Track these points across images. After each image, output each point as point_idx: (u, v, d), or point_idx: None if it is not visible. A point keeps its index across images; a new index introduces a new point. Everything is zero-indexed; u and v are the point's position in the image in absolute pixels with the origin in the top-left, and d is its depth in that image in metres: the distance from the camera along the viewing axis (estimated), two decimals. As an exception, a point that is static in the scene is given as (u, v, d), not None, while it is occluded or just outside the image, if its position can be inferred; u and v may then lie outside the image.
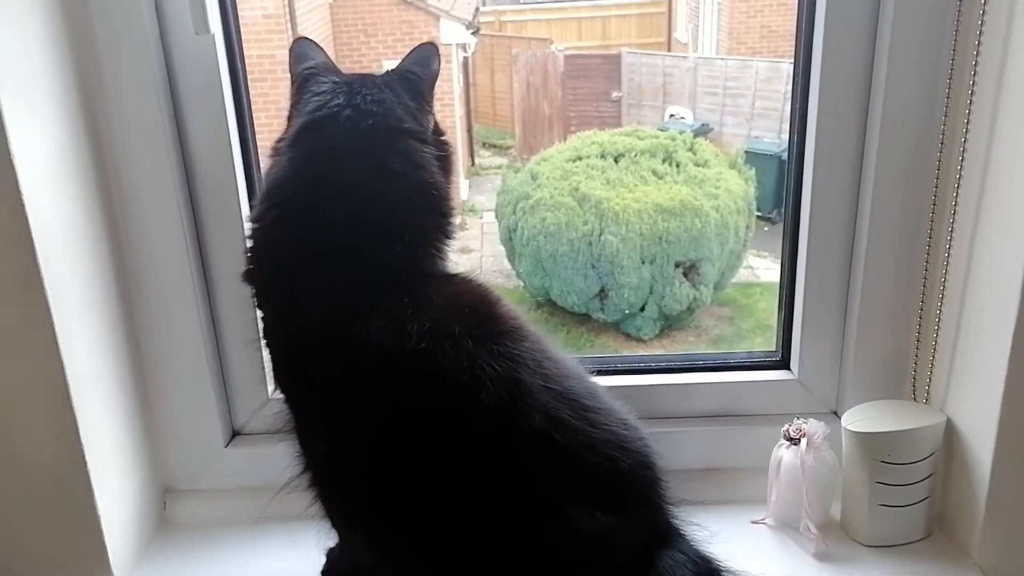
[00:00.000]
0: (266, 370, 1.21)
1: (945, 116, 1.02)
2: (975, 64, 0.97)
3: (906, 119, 1.04)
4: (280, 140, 1.00)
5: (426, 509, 0.91)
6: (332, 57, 1.06)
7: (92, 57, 1.02)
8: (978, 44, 0.96)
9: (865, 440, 1.04)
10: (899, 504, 1.05)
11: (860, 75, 1.06)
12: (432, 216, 0.97)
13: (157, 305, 1.13)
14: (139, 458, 1.14)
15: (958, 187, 1.01)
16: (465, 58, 6.15)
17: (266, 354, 1.14)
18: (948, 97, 1.01)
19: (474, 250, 5.84)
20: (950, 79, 1.00)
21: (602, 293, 4.64)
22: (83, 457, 1.02)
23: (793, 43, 1.13)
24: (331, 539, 1.10)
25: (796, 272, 1.16)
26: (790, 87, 1.15)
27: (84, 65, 1.01)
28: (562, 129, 6.57)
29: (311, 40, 1.04)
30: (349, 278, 0.92)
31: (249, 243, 0.99)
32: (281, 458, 1.13)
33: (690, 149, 5.22)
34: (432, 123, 1.02)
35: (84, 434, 1.01)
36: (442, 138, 1.02)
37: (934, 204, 1.05)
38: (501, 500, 0.90)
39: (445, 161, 1.00)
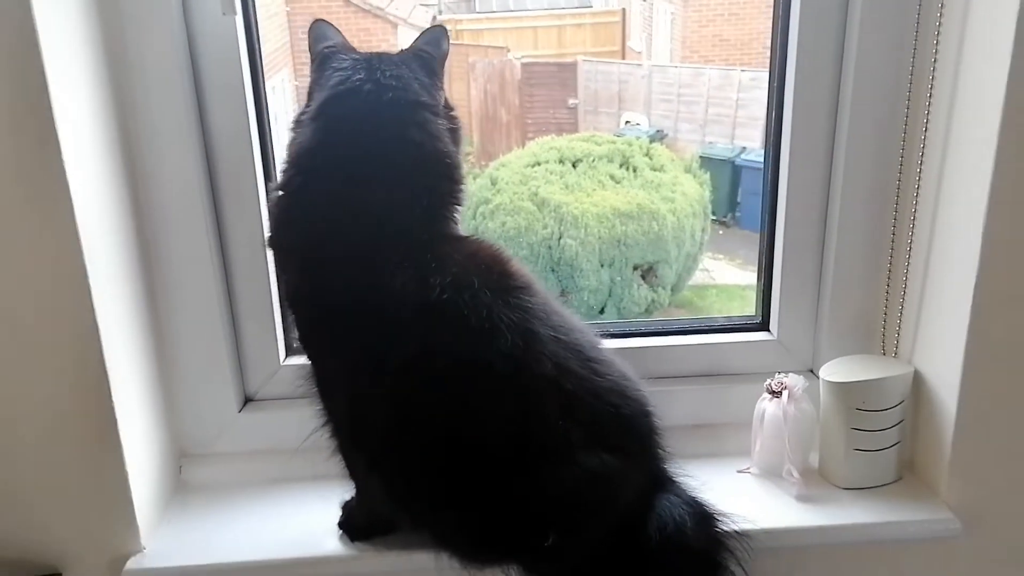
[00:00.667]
0: (278, 338, 1.27)
1: (908, 102, 1.12)
2: (935, 54, 1.08)
3: (873, 105, 1.15)
4: (303, 113, 1.07)
5: (446, 449, 0.99)
6: (290, 65, 1.14)
7: (120, 36, 1.08)
8: (937, 35, 1.07)
9: (841, 389, 1.14)
10: (872, 448, 1.16)
11: (831, 70, 1.16)
12: (446, 182, 1.05)
13: (176, 277, 1.19)
14: (158, 424, 1.20)
15: (921, 163, 1.12)
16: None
17: (279, 321, 1.23)
18: (911, 85, 1.12)
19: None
20: (912, 69, 1.11)
21: (562, 296, 4.74)
22: (115, 420, 1.08)
23: (743, 52, 1.23)
24: (347, 492, 1.17)
25: (774, 242, 1.27)
26: (742, 94, 1.25)
27: (113, 44, 1.07)
28: (520, 136, 6.67)
29: (328, 22, 1.12)
30: (375, 238, 1.00)
31: (273, 210, 1.07)
32: (291, 423, 1.21)
33: (646, 154, 5.35)
34: (443, 98, 1.10)
35: (116, 399, 1.07)
36: (451, 112, 1.10)
37: (899, 180, 1.16)
38: (516, 440, 0.99)
39: (455, 133, 1.09)
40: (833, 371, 1.16)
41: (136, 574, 1.11)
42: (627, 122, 6.82)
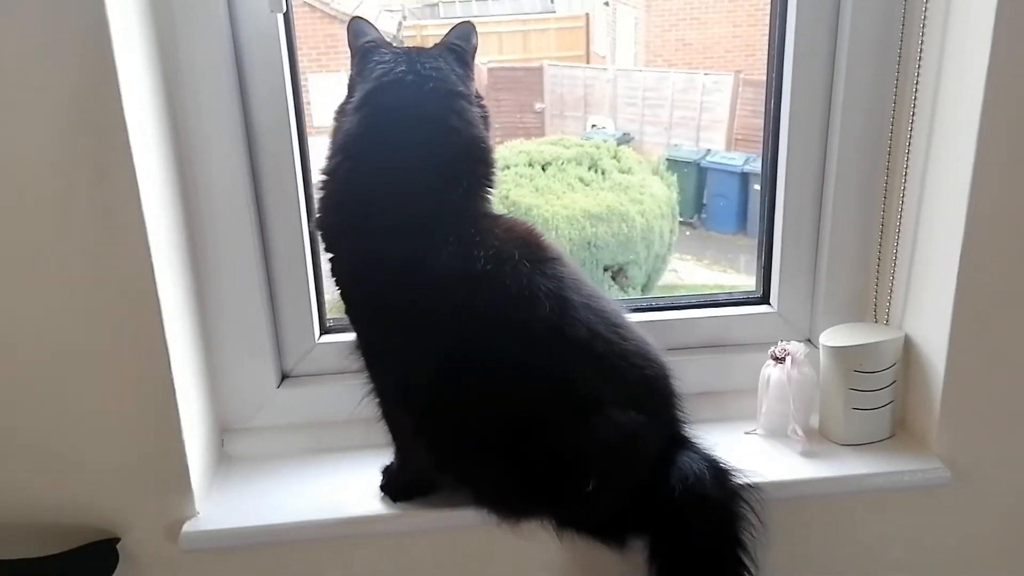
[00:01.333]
0: (313, 319, 1.37)
1: (896, 92, 1.25)
2: (919, 54, 1.20)
3: (863, 97, 1.27)
4: (346, 104, 1.17)
5: (491, 408, 1.10)
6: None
7: (171, 36, 1.16)
8: (922, 34, 1.20)
9: (840, 353, 1.27)
10: (869, 407, 1.28)
11: (824, 71, 1.28)
12: (482, 166, 1.16)
13: (220, 261, 1.27)
14: (204, 399, 1.28)
15: (909, 147, 1.25)
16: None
17: (314, 303, 1.33)
18: (898, 75, 1.24)
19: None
20: (899, 59, 1.24)
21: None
22: (174, 394, 1.16)
23: (706, 56, 1.35)
24: (386, 459, 1.27)
25: (774, 223, 1.39)
26: (705, 97, 1.38)
27: (165, 43, 1.15)
28: (488, 140, 6.72)
29: (365, 19, 1.21)
30: (421, 216, 1.10)
31: (320, 194, 1.16)
32: (326, 398, 1.31)
33: (614, 157, 5.48)
34: (474, 88, 1.20)
35: (175, 374, 1.16)
36: (481, 101, 1.21)
37: (888, 162, 1.29)
38: (554, 398, 1.10)
39: (486, 120, 1.19)
40: (832, 337, 1.29)
41: (194, 536, 1.20)
42: (593, 125, 6.96)
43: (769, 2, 1.30)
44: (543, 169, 5.26)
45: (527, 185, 5.15)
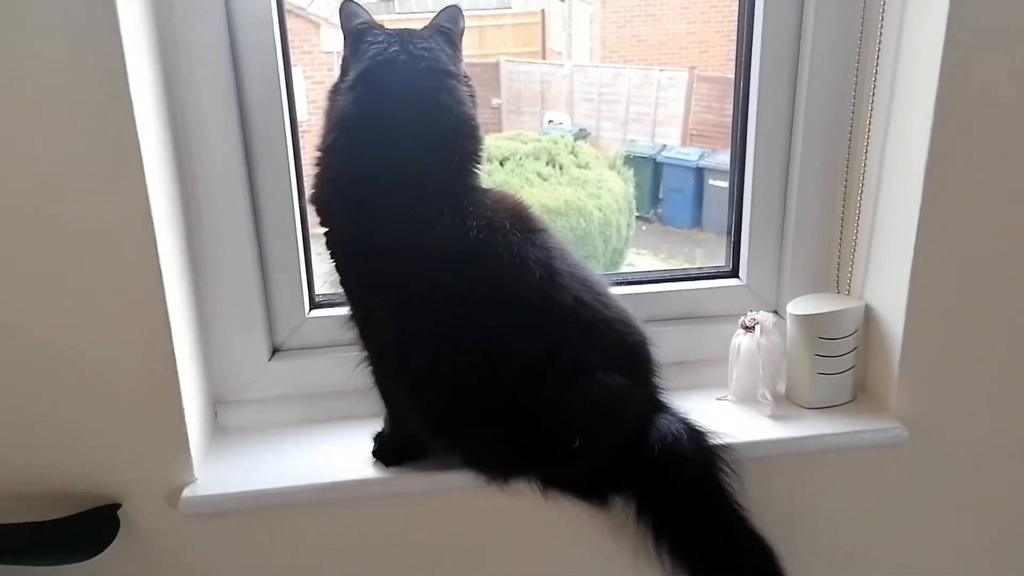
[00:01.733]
0: (303, 294, 1.42)
1: (855, 86, 1.34)
2: (878, 44, 1.30)
3: (825, 90, 1.36)
4: (340, 83, 1.23)
5: (484, 371, 1.16)
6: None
7: (170, 18, 1.21)
8: (880, 24, 1.29)
9: (805, 321, 1.36)
10: (832, 372, 1.37)
11: (789, 62, 1.37)
12: (471, 141, 1.22)
13: (214, 238, 1.32)
14: (199, 371, 1.33)
15: (868, 131, 1.34)
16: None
17: (304, 278, 1.38)
18: (857, 71, 1.34)
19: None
20: (857, 66, 1.33)
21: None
22: (175, 364, 1.21)
23: (661, 52, 1.43)
24: (377, 426, 1.33)
25: (743, 202, 1.48)
26: (661, 93, 1.47)
27: (164, 24, 1.21)
28: (445, 135, 6.75)
29: (357, 3, 1.27)
30: (416, 189, 1.16)
31: (316, 169, 1.22)
32: (316, 370, 1.37)
33: (572, 152, 5.57)
34: (463, 68, 1.27)
35: (176, 345, 1.21)
36: (469, 81, 1.27)
37: (849, 145, 1.38)
38: (543, 361, 1.17)
39: (473, 99, 1.26)
40: (797, 307, 1.38)
41: (193, 501, 1.25)
42: (550, 121, 7.04)
43: (721, 0, 1.38)
44: (501, 164, 5.33)
45: (486, 180, 5.21)
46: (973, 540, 1.51)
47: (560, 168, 5.39)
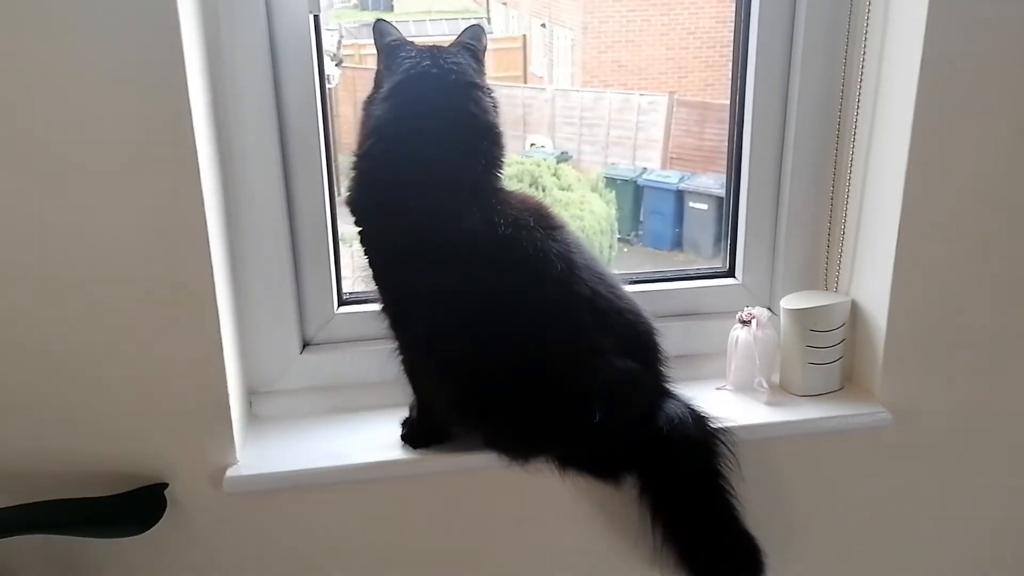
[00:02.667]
0: (333, 291, 1.55)
1: (841, 101, 1.49)
2: (862, 66, 1.45)
3: (813, 106, 1.51)
4: (375, 94, 1.36)
5: (507, 356, 1.29)
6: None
7: (216, 27, 1.33)
8: (864, 44, 1.45)
9: (798, 315, 1.50)
10: (822, 362, 1.52)
11: (780, 86, 1.52)
12: (496, 148, 1.35)
13: (251, 237, 1.43)
14: (237, 363, 1.44)
15: (853, 144, 1.49)
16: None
17: (334, 276, 1.51)
18: (843, 88, 1.49)
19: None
20: (843, 83, 1.48)
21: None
22: (222, 352, 1.33)
23: (641, 77, 1.56)
24: (404, 413, 1.45)
25: (738, 209, 1.62)
26: (641, 117, 1.61)
27: (211, 36, 1.33)
28: (428, 158, 6.87)
29: (388, 21, 1.40)
30: (448, 190, 1.29)
31: (353, 172, 1.35)
32: (344, 363, 1.50)
33: (554, 174, 5.70)
34: (487, 81, 1.41)
35: (223, 336, 1.33)
36: (492, 93, 1.40)
37: (836, 154, 1.53)
38: (562, 346, 1.30)
39: (496, 109, 1.39)
40: (790, 302, 1.52)
41: (236, 480, 1.37)
42: (532, 144, 7.20)
43: (700, 27, 1.53)
44: (485, 186, 5.46)
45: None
46: (952, 515, 1.66)
47: (543, 190, 5.51)
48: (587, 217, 5.40)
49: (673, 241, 5.41)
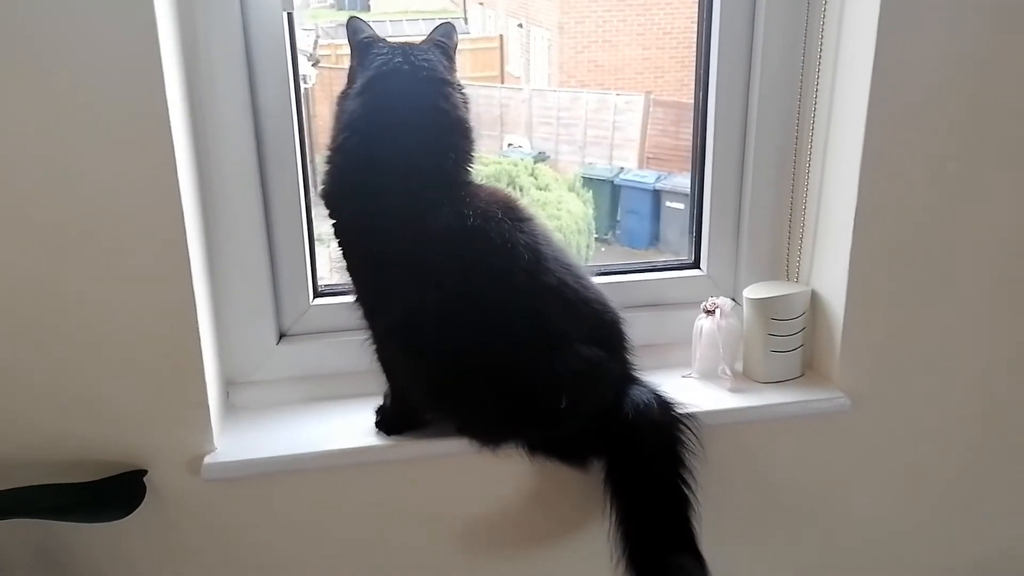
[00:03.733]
0: (308, 283, 1.60)
1: (800, 100, 1.57)
2: (818, 67, 1.51)
3: (773, 107, 1.58)
4: (348, 90, 1.41)
5: (478, 344, 1.34)
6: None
7: (192, 25, 1.37)
8: (820, 50, 1.52)
9: (759, 304, 1.57)
10: (783, 350, 1.58)
11: (741, 85, 1.59)
12: (466, 142, 1.40)
13: (227, 230, 1.48)
14: (214, 354, 1.49)
15: (811, 144, 1.56)
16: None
17: (309, 269, 1.56)
18: (801, 88, 1.56)
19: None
20: (801, 84, 1.56)
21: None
22: (199, 342, 1.38)
23: (617, 77, 1.62)
24: (377, 401, 1.50)
25: (703, 203, 1.69)
26: (618, 117, 1.67)
27: (187, 30, 1.37)
28: (405, 158, 6.92)
29: (361, 18, 1.45)
30: (420, 183, 1.35)
31: (328, 166, 1.40)
32: (319, 354, 1.55)
33: (532, 174, 5.77)
34: (457, 77, 1.46)
35: (200, 325, 1.38)
36: (463, 89, 1.45)
37: (795, 156, 1.60)
38: (531, 334, 1.36)
39: (467, 104, 1.44)
40: (753, 292, 1.59)
41: (214, 467, 1.42)
42: (510, 144, 7.26)
43: (675, 27, 1.60)
44: (462, 186, 5.51)
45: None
46: (906, 494, 1.74)
47: (520, 190, 5.57)
48: (564, 217, 5.47)
49: (650, 240, 5.48)
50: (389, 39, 1.45)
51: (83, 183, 1.28)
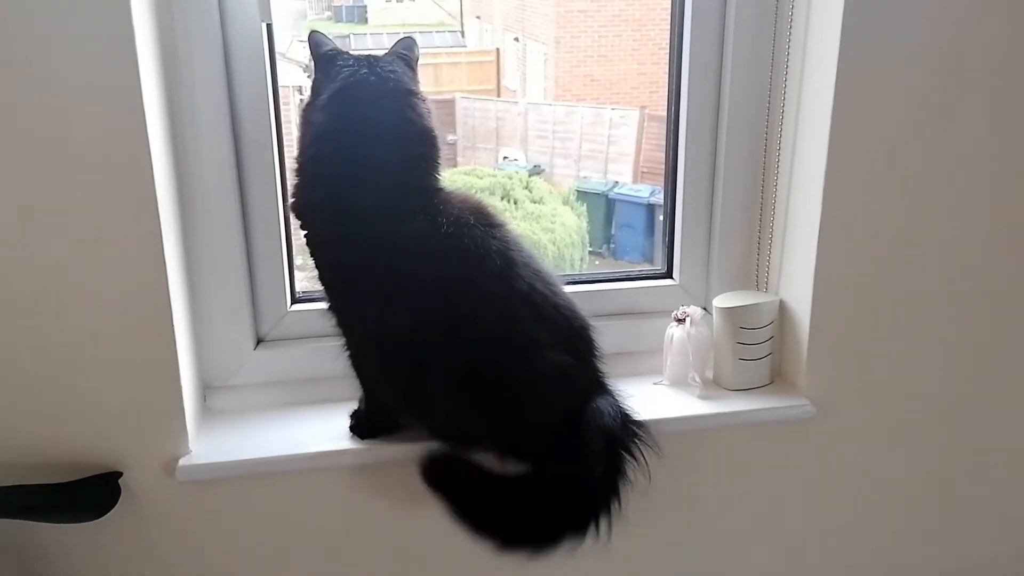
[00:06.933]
0: (286, 289, 1.63)
1: (767, 120, 1.60)
2: (784, 85, 1.55)
3: (742, 127, 1.62)
4: (315, 101, 1.42)
5: (450, 349, 1.37)
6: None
7: (171, 35, 1.41)
8: (786, 65, 1.55)
9: (729, 313, 1.60)
10: (752, 358, 1.61)
11: (711, 100, 1.63)
12: (434, 151, 1.43)
13: (206, 236, 1.52)
14: (191, 358, 1.52)
15: (779, 158, 1.59)
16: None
17: (287, 275, 1.59)
18: (769, 107, 1.60)
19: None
20: (768, 103, 1.59)
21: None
22: (175, 346, 1.40)
23: (612, 91, 1.66)
24: (353, 405, 1.53)
25: (675, 215, 1.72)
26: (612, 131, 1.71)
27: (166, 41, 1.41)
28: (401, 170, 6.96)
29: (321, 32, 1.47)
30: (390, 193, 1.37)
31: (296, 179, 1.42)
32: (297, 359, 1.57)
33: (526, 187, 5.82)
34: (421, 89, 1.49)
35: (176, 331, 1.41)
36: (426, 100, 1.47)
37: (763, 170, 1.64)
38: (501, 340, 1.38)
39: (430, 114, 1.46)
40: (722, 301, 1.62)
41: (189, 469, 1.44)
42: (505, 157, 7.31)
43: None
44: (457, 198, 5.54)
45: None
46: (873, 501, 1.77)
47: (515, 203, 5.63)
48: (558, 230, 5.51)
49: (644, 254, 5.51)
50: (353, 51, 1.47)
51: (59, 187, 1.31)
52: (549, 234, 5.33)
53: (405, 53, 1.46)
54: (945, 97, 1.49)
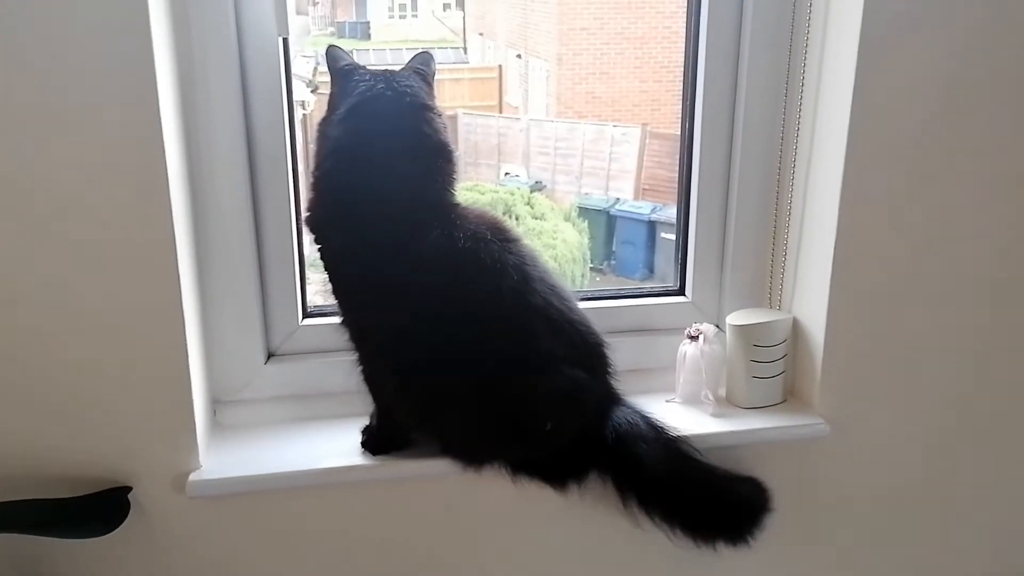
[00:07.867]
0: (297, 303, 1.62)
1: (783, 135, 1.60)
2: (800, 104, 1.55)
3: (757, 145, 1.62)
4: (331, 116, 1.42)
5: (464, 364, 1.36)
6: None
7: (188, 49, 1.41)
8: (802, 84, 1.55)
9: (742, 331, 1.59)
10: (765, 376, 1.60)
11: (726, 121, 1.63)
12: (450, 165, 1.43)
13: (219, 250, 1.51)
14: (201, 372, 1.51)
15: (792, 177, 1.59)
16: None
17: (299, 289, 1.58)
18: (783, 127, 1.59)
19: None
20: (784, 111, 1.59)
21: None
22: (187, 361, 1.40)
23: (614, 108, 1.66)
24: (364, 421, 1.52)
25: (688, 232, 1.71)
26: (614, 148, 1.71)
27: (183, 54, 1.41)
28: (403, 186, 6.96)
29: (339, 47, 1.48)
30: (407, 206, 1.37)
31: (313, 193, 1.42)
32: (308, 374, 1.56)
33: (528, 203, 5.82)
34: (436, 103, 1.48)
35: (189, 347, 1.40)
36: (442, 115, 1.48)
37: (778, 188, 1.63)
38: (516, 355, 1.38)
39: (446, 129, 1.47)
40: (736, 319, 1.61)
41: (199, 484, 1.43)
42: (507, 173, 7.31)
43: (672, 61, 1.64)
44: (459, 214, 5.54)
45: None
46: (887, 521, 1.75)
47: (516, 219, 5.61)
48: (560, 246, 5.50)
49: (645, 271, 5.50)
50: (371, 67, 1.47)
51: (74, 201, 1.30)
52: (550, 250, 5.32)
53: (422, 68, 1.46)
54: (963, 117, 1.49)
